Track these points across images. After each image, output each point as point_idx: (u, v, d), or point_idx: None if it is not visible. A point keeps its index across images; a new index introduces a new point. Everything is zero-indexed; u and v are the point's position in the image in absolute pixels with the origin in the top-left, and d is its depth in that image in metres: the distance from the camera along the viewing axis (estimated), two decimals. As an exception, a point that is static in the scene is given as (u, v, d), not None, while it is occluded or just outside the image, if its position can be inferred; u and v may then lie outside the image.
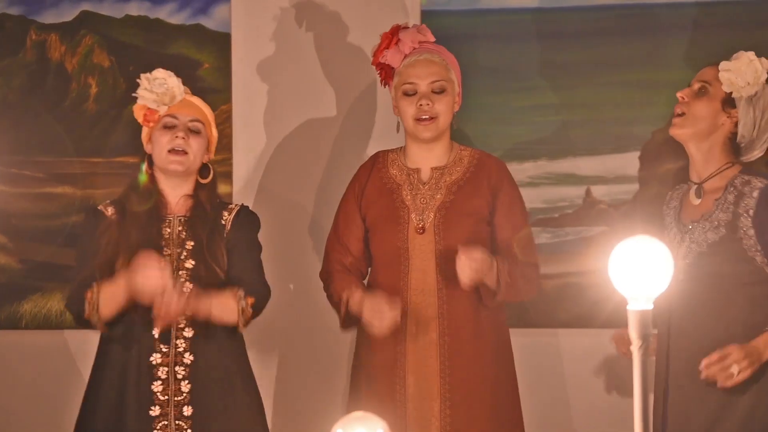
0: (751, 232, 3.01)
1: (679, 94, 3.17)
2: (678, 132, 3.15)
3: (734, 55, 3.12)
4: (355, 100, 3.94)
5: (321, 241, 3.74)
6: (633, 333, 1.96)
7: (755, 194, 3.03)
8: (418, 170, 3.32)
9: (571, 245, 3.79)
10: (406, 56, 3.29)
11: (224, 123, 3.95)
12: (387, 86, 3.38)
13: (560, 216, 3.83)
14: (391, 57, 3.31)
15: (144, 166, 3.23)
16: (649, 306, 1.96)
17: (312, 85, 3.94)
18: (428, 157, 3.32)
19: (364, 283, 3.35)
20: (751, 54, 3.10)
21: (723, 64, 3.11)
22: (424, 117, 3.24)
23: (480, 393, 3.20)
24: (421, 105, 3.24)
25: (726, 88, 3.10)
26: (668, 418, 3.08)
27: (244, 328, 3.18)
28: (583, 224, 3.83)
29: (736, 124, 3.11)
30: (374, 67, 3.39)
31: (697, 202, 3.13)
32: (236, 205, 3.31)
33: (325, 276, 3.36)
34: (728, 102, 3.11)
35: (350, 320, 3.26)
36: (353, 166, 3.48)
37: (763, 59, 3.11)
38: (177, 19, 3.99)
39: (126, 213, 3.20)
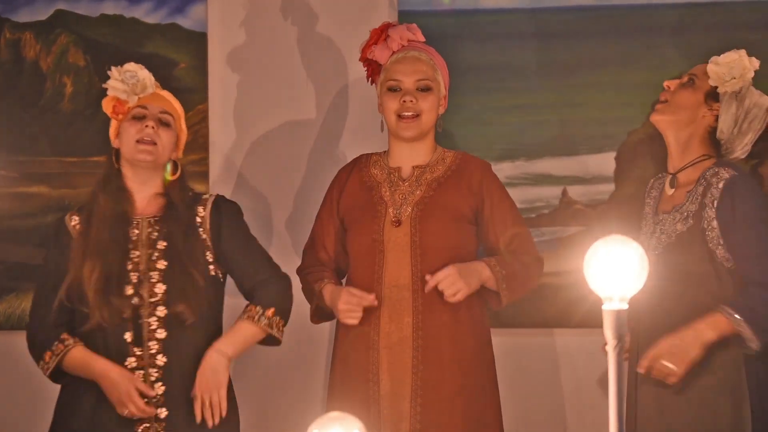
0: (715, 223, 3.01)
1: (666, 83, 3.18)
2: (658, 118, 3.15)
3: (725, 53, 3.13)
4: (332, 99, 3.94)
5: (299, 238, 3.74)
6: (608, 333, 1.97)
7: (720, 185, 3.02)
8: (399, 168, 3.29)
9: (547, 245, 3.79)
10: (393, 53, 3.27)
11: (201, 123, 3.94)
12: (373, 83, 3.35)
13: (537, 216, 3.84)
14: (378, 53, 3.28)
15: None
16: (624, 306, 1.97)
17: (289, 85, 3.94)
18: (410, 156, 3.29)
19: (342, 282, 3.34)
20: (742, 51, 3.12)
21: (713, 59, 3.12)
22: (406, 114, 3.22)
23: (452, 394, 3.16)
24: (404, 102, 3.21)
25: (712, 82, 3.11)
26: (638, 415, 3.09)
27: (281, 334, 3.19)
28: (560, 224, 3.84)
29: (717, 119, 3.12)
30: (361, 63, 3.35)
31: (671, 192, 3.14)
32: (210, 195, 3.26)
33: (302, 270, 3.36)
34: (712, 96, 3.11)
35: (321, 313, 3.28)
36: (330, 165, 3.48)
37: (753, 58, 3.12)
38: (153, 18, 3.98)
39: (92, 215, 3.17)
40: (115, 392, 3.06)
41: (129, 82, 3.17)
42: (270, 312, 3.15)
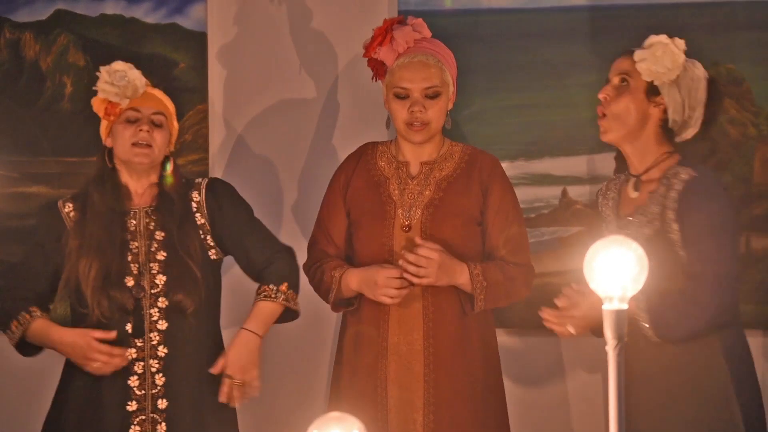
0: (675, 226, 2.92)
1: (600, 95, 3.05)
2: (608, 138, 3.03)
3: (646, 42, 3.00)
4: (333, 99, 3.94)
5: (296, 238, 3.74)
6: (608, 333, 1.97)
7: (679, 187, 2.93)
8: (407, 163, 3.25)
9: (547, 245, 3.80)
10: (400, 55, 3.21)
11: (200, 122, 3.94)
12: (379, 81, 3.30)
13: (536, 216, 3.84)
14: (384, 54, 3.21)
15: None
16: (624, 306, 1.97)
17: (289, 84, 3.94)
18: (418, 152, 3.25)
19: None
20: (663, 37, 2.98)
21: (638, 54, 2.99)
22: (416, 123, 3.18)
23: (465, 400, 3.14)
24: (413, 111, 3.16)
25: (646, 78, 2.98)
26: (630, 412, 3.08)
27: (298, 306, 3.20)
28: (559, 224, 3.84)
29: (664, 111, 3.00)
30: (366, 61, 3.30)
31: (635, 195, 3.05)
32: (202, 179, 3.28)
33: (310, 266, 3.28)
34: (652, 90, 3.00)
35: (341, 301, 3.21)
36: (331, 163, 3.47)
37: (676, 39, 2.98)
38: (153, 18, 3.98)
39: (87, 210, 3.17)
40: (76, 353, 3.07)
41: (119, 84, 3.16)
42: (284, 287, 3.17)
